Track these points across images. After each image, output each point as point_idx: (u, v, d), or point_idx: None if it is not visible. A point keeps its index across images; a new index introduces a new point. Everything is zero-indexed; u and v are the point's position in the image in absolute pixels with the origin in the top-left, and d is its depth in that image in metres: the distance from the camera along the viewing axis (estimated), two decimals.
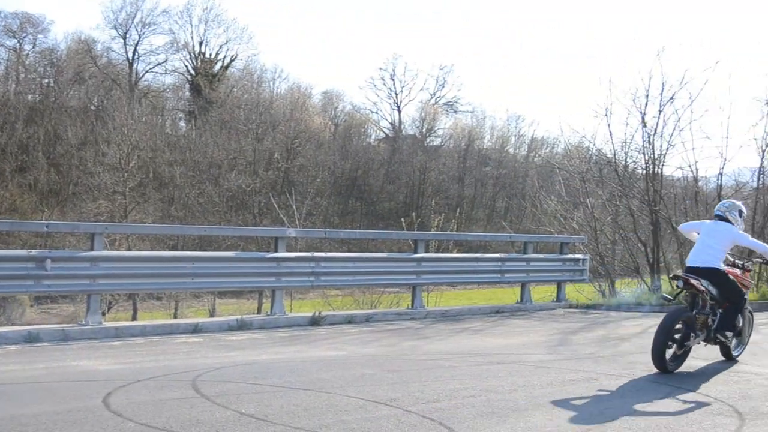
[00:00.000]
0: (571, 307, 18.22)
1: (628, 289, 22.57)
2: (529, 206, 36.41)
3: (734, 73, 31.40)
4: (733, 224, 9.71)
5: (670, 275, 11.10)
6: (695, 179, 24.59)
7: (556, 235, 22.19)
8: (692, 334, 9.07)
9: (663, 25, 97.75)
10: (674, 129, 23.17)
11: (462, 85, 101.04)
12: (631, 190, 23.57)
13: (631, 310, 17.64)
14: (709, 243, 9.56)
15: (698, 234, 10.03)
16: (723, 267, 9.48)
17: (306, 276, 14.05)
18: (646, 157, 23.26)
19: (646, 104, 22.90)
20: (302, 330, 12.81)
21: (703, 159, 28.21)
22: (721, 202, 10.73)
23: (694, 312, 9.14)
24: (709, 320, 9.26)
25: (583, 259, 18.92)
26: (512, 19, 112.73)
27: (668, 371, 8.94)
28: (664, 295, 10.86)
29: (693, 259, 9.62)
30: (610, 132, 24.59)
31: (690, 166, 24.43)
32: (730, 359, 9.84)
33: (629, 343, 11.83)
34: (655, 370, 9.02)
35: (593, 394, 7.74)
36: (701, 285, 9.10)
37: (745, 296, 9.76)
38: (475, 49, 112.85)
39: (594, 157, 25.58)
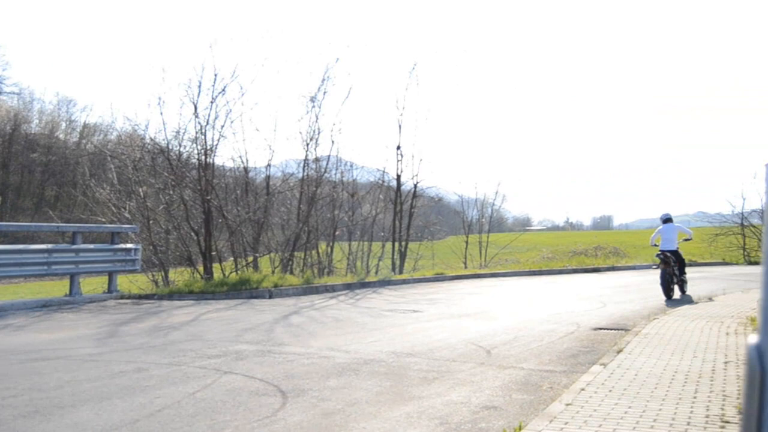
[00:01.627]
0: (123, 297, 17.96)
1: (181, 277, 22.86)
2: (81, 195, 35.13)
3: (282, 70, 33.11)
4: (674, 223, 18.17)
5: (657, 254, 17.54)
6: (246, 170, 25.67)
7: (107, 225, 21.67)
8: (674, 277, 17.02)
9: (216, 17, 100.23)
10: (226, 120, 23.96)
11: (8, 65, 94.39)
12: (184, 179, 23.85)
13: (184, 298, 17.88)
14: (670, 237, 17.58)
15: (661, 235, 17.76)
16: (677, 247, 17.51)
17: None
18: (199, 148, 23.72)
19: (199, 95, 23.36)
20: None
21: (253, 150, 29.59)
22: (664, 213, 18.31)
23: (668, 268, 16.79)
24: (675, 271, 17.05)
25: (135, 249, 18.72)
26: None
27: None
28: (657, 255, 17.39)
29: (665, 246, 17.39)
30: (164, 121, 24.73)
31: (241, 156, 25.50)
32: (684, 294, 17.43)
33: (180, 332, 11.95)
34: (206, 357, 9.29)
35: (144, 385, 7.69)
36: (671, 257, 16.97)
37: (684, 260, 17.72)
38: (23, 26, 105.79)
39: (148, 146, 25.44)
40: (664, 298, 16.64)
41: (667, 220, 18.09)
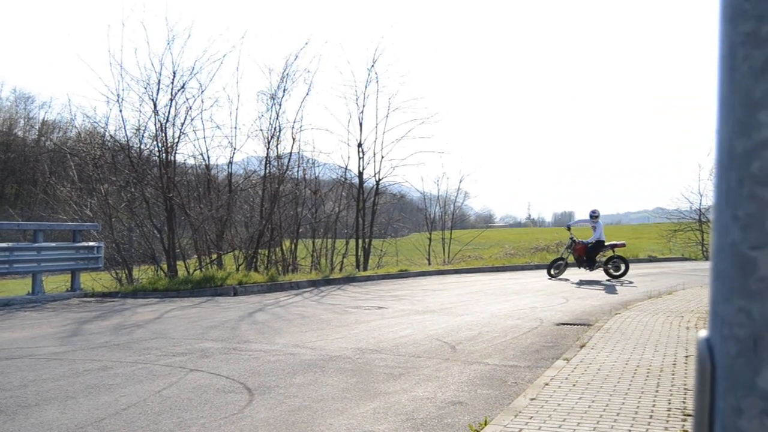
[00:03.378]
0: (86, 296, 17.82)
1: (145, 275, 22.70)
2: (41, 193, 34.73)
3: (241, 67, 32.87)
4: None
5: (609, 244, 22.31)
6: (207, 167, 25.54)
7: (68, 223, 21.45)
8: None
9: (174, 13, 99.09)
10: (186, 118, 23.82)
11: None
12: (146, 177, 23.68)
13: (148, 296, 17.77)
14: (602, 230, 22.22)
15: (594, 227, 22.23)
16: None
17: None
18: (160, 145, 23.54)
19: (158, 92, 23.18)
20: None
21: (214, 148, 29.46)
22: (593, 210, 22.37)
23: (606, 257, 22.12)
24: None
25: (98, 247, 18.57)
26: None
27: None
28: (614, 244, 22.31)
29: (603, 237, 22.26)
30: (123, 118, 24.52)
31: (202, 154, 25.37)
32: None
33: (145, 330, 11.88)
34: (171, 354, 9.26)
35: (109, 383, 7.65)
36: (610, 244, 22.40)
37: None
38: None
39: (108, 143, 25.22)
40: (615, 292, 17.95)
41: (596, 217, 22.45)
